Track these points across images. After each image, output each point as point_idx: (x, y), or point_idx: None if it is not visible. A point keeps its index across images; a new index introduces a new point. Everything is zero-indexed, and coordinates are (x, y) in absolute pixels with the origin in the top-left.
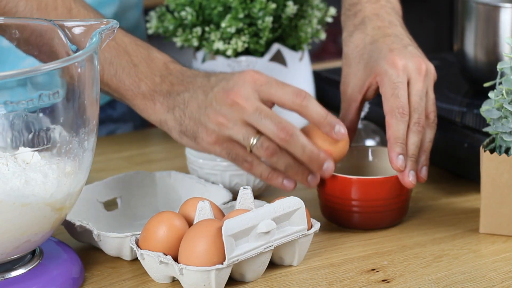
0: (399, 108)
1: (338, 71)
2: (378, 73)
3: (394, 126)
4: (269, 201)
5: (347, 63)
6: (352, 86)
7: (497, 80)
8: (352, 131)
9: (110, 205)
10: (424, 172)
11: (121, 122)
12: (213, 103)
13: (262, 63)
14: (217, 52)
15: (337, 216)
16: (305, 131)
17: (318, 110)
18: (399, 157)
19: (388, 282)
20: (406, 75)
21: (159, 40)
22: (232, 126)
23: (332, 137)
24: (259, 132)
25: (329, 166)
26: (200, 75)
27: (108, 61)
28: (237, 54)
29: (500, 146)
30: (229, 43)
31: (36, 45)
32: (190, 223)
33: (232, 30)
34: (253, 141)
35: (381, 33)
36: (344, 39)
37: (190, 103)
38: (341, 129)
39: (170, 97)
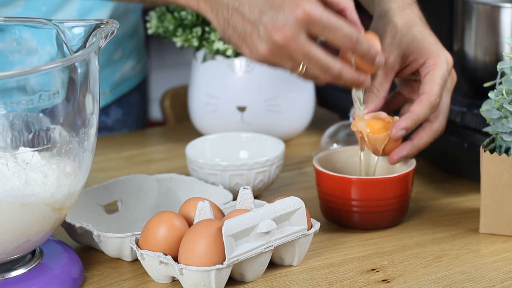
0: (436, 98)
1: None
2: (433, 56)
3: (422, 109)
4: (269, 201)
5: (393, 32)
6: (395, 56)
7: (497, 80)
8: (384, 99)
9: (110, 208)
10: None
11: (116, 130)
12: (260, 32)
13: None
14: (217, 52)
15: (337, 216)
16: None
17: (364, 47)
18: (402, 130)
19: (388, 282)
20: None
21: (159, 40)
22: (279, 59)
23: (372, 65)
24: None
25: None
26: None
27: None
28: (237, 54)
29: (500, 146)
30: (229, 43)
31: None
32: (190, 223)
33: None
34: (300, 70)
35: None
36: (393, 10)
37: (235, 15)
38: (381, 59)
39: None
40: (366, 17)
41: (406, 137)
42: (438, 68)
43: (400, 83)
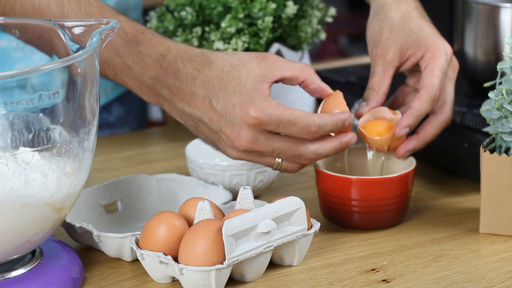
0: (436, 92)
1: (338, 71)
2: (431, 49)
3: (422, 104)
4: (269, 201)
5: (390, 27)
6: (394, 51)
7: (497, 80)
8: (385, 96)
9: (110, 208)
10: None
11: (117, 127)
12: (224, 140)
13: None
14: None
15: (337, 216)
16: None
17: (329, 128)
18: (406, 128)
19: (388, 282)
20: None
21: None
22: (251, 158)
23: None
24: None
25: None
26: (198, 88)
27: (105, 62)
28: None
29: (500, 146)
30: (229, 43)
31: (38, 46)
32: (190, 223)
33: (232, 30)
34: (277, 164)
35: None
36: (388, 5)
37: (201, 124)
38: (350, 121)
39: (176, 107)
40: (363, 15)
41: (413, 130)
42: (437, 60)
43: (407, 74)
